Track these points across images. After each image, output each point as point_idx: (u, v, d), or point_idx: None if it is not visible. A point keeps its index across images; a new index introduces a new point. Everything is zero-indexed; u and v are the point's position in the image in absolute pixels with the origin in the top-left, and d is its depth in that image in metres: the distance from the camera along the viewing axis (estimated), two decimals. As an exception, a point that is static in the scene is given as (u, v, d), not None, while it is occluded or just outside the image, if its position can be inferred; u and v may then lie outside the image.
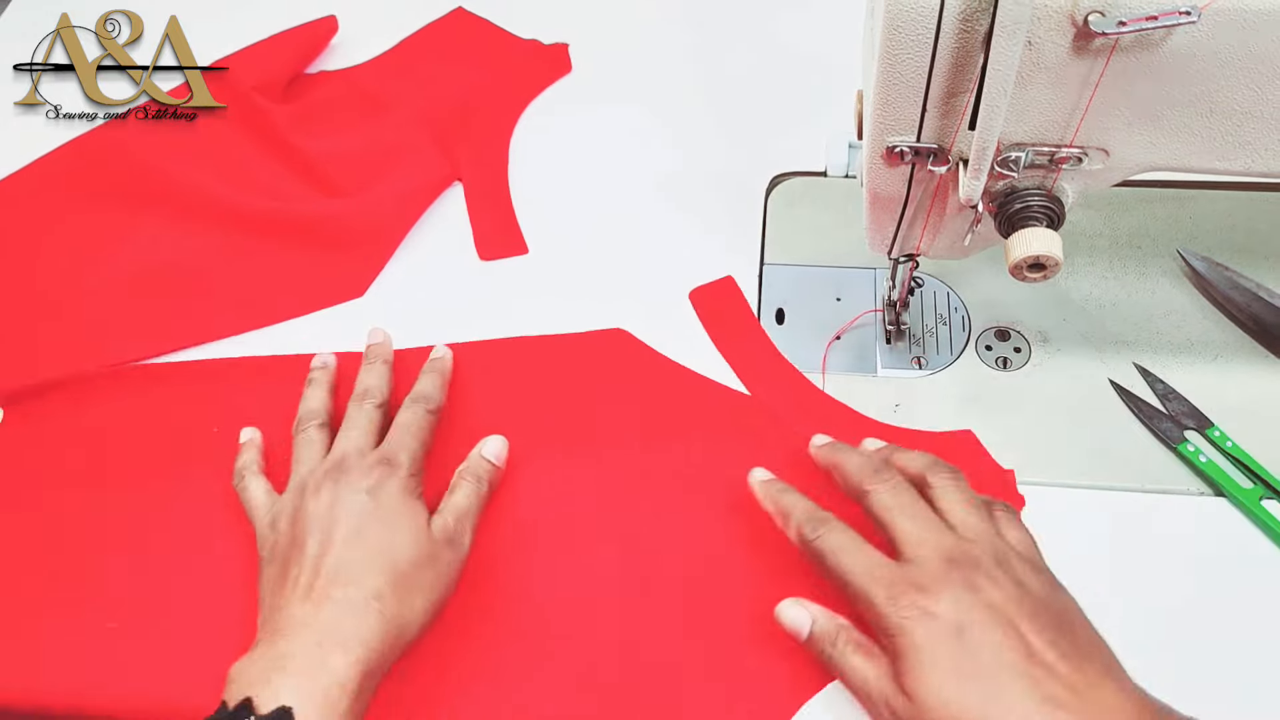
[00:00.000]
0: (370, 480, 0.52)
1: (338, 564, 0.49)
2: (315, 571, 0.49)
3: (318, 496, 0.52)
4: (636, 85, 0.77)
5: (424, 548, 0.50)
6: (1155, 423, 0.57)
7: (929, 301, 0.64)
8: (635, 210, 0.69)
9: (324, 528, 0.50)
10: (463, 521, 0.53)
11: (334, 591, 0.48)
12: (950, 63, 0.43)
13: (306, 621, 0.47)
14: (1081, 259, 0.65)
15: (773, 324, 0.64)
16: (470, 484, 0.55)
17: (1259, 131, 0.46)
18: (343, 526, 0.50)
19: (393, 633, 0.47)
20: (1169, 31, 0.41)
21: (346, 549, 0.49)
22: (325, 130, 0.73)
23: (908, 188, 0.50)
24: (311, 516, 0.51)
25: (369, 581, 0.48)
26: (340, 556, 0.49)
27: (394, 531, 0.50)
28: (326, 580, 0.48)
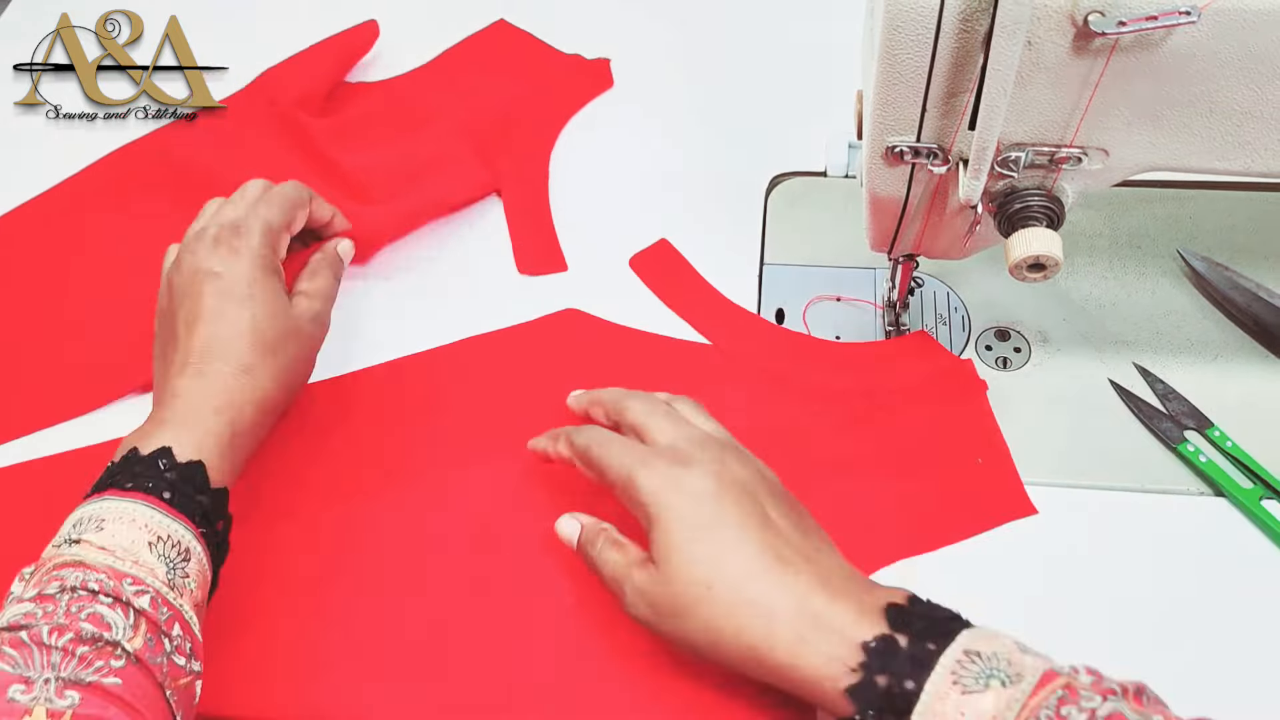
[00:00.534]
0: (219, 253, 0.55)
1: (205, 343, 0.52)
2: (188, 351, 0.52)
3: (179, 269, 0.55)
4: (636, 85, 0.77)
5: (286, 323, 0.54)
6: (1155, 423, 0.57)
7: (929, 301, 0.64)
8: (635, 210, 0.69)
9: (189, 306, 0.54)
10: (326, 301, 0.59)
11: (205, 366, 0.52)
12: (950, 63, 0.43)
13: (183, 392, 0.51)
14: (1081, 259, 0.65)
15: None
16: (329, 270, 0.60)
17: (1259, 131, 0.46)
18: (204, 304, 0.53)
19: (260, 399, 0.52)
20: (1169, 31, 0.41)
21: (210, 326, 0.53)
22: (364, 144, 0.72)
23: (908, 188, 0.50)
24: (177, 290, 0.55)
25: (235, 356, 0.52)
26: (206, 334, 0.52)
27: (252, 308, 0.53)
28: (198, 357, 0.52)
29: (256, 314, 0.53)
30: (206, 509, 0.48)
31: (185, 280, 0.55)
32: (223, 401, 0.51)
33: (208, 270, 0.54)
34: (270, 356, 0.53)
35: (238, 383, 0.52)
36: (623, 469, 0.48)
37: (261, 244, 0.56)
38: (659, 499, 0.46)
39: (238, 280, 0.54)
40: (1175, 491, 0.55)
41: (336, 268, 0.61)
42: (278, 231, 0.57)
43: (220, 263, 0.54)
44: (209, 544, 0.48)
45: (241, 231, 0.56)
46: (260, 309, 0.54)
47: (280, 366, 0.54)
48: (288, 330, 0.54)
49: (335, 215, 0.63)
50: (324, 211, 0.62)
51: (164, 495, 0.47)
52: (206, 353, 0.52)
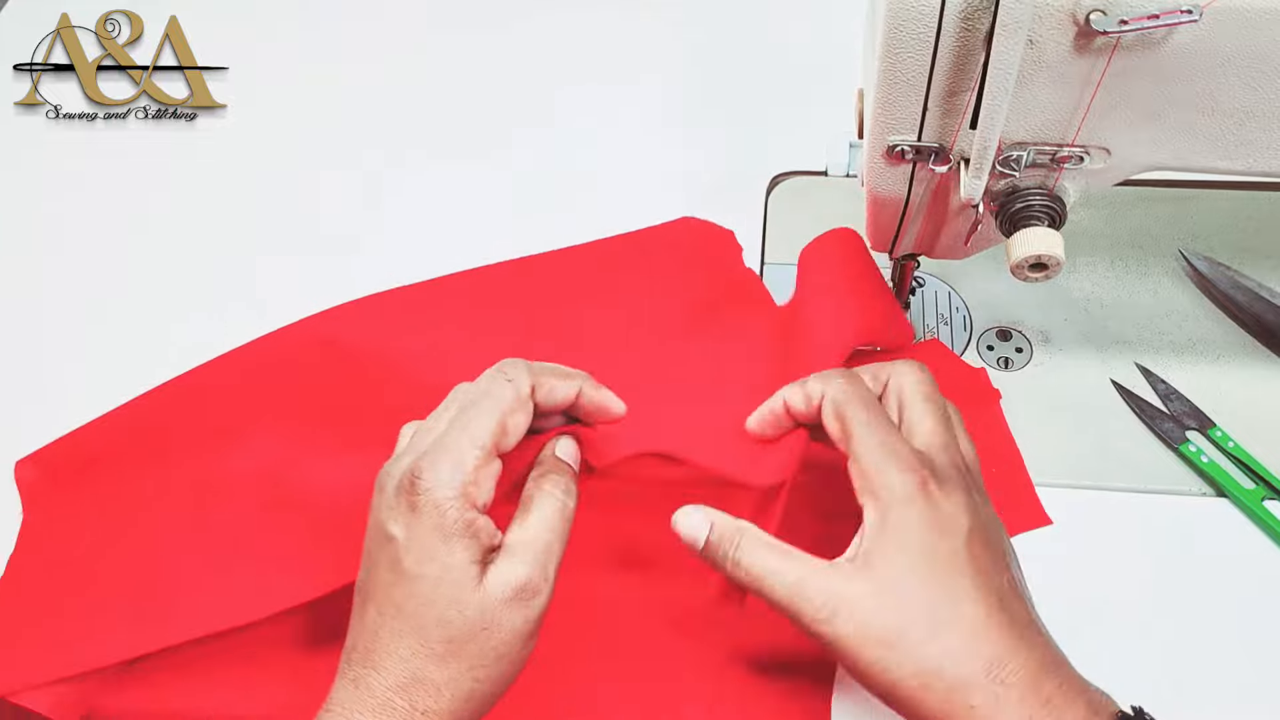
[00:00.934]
0: (399, 509, 0.40)
1: (370, 636, 0.40)
2: (353, 642, 0.41)
3: (371, 519, 0.42)
4: (637, 84, 0.77)
5: (467, 616, 0.39)
6: (1157, 423, 0.57)
7: (930, 301, 0.64)
8: (636, 209, 0.69)
9: (364, 578, 0.42)
10: (540, 559, 0.41)
11: (363, 673, 0.40)
12: (951, 61, 0.43)
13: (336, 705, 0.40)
14: (1083, 258, 0.64)
15: (773, 324, 0.64)
16: (551, 501, 0.42)
17: (1261, 130, 0.46)
18: (375, 580, 0.41)
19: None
20: (1171, 30, 0.41)
21: (377, 613, 0.40)
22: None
23: (909, 187, 0.50)
24: (365, 548, 0.42)
25: (396, 666, 0.39)
26: (372, 624, 0.40)
27: (423, 595, 0.39)
28: (360, 656, 0.40)
29: (424, 609, 0.39)
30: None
31: (369, 537, 0.42)
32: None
33: (385, 529, 0.41)
34: (442, 664, 0.39)
35: (394, 704, 0.39)
36: (877, 451, 0.41)
37: (447, 494, 0.40)
38: (903, 510, 0.40)
39: (411, 551, 0.40)
40: (1177, 492, 0.55)
41: (561, 488, 0.43)
42: (476, 469, 0.41)
43: (397, 522, 0.40)
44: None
45: (422, 478, 0.40)
46: (430, 600, 0.39)
47: (458, 676, 0.39)
48: (468, 627, 0.39)
49: (584, 388, 0.45)
50: (561, 393, 0.44)
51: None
52: (369, 653, 0.40)
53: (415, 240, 0.69)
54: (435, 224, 0.70)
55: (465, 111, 0.76)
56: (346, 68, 0.79)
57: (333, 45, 0.80)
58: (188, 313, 0.66)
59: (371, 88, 0.78)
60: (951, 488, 0.41)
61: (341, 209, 0.71)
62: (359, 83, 0.78)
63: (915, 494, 0.40)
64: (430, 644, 0.39)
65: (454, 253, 0.68)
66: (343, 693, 0.40)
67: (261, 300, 0.66)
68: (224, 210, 0.71)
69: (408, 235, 0.70)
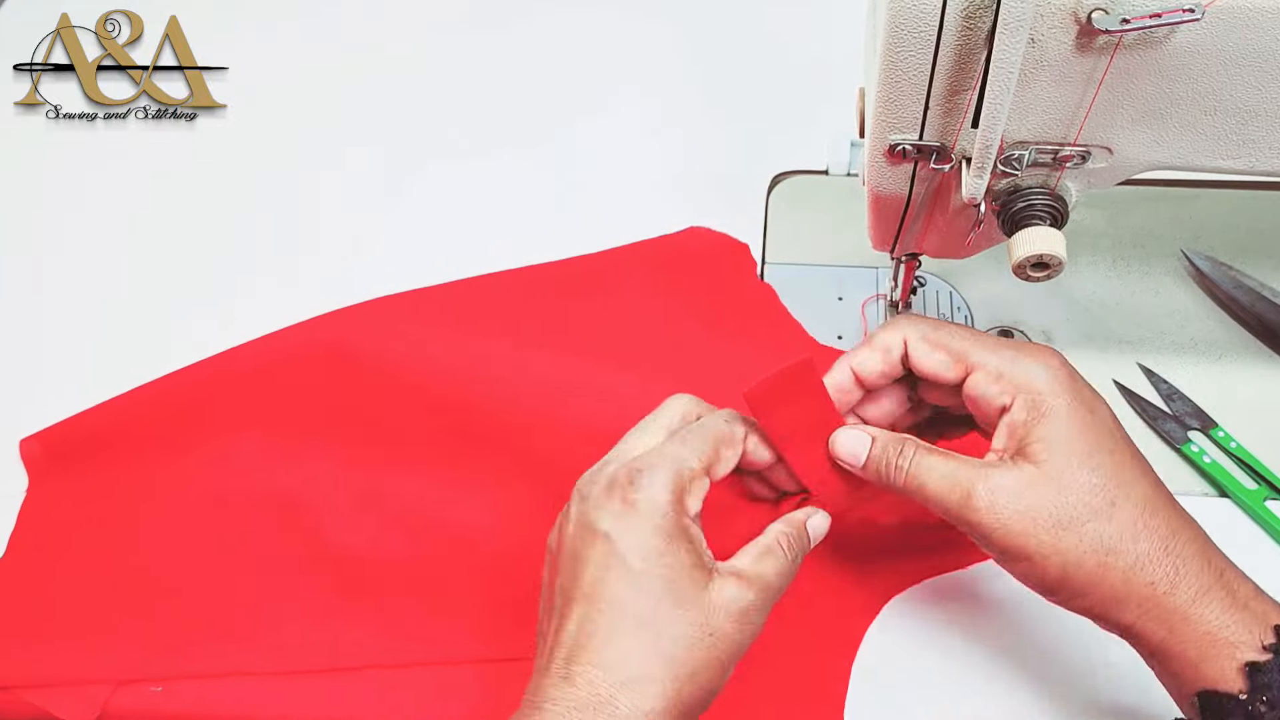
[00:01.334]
0: (612, 505, 0.40)
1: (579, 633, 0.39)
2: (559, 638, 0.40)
3: (569, 516, 0.42)
4: (637, 84, 0.76)
5: (693, 617, 0.39)
6: (1159, 423, 0.57)
7: (931, 300, 0.64)
8: (636, 209, 0.69)
9: (569, 573, 0.41)
10: (766, 594, 0.41)
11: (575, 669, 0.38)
12: (953, 60, 0.43)
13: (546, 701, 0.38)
14: (1085, 258, 0.64)
15: (774, 324, 0.64)
16: (788, 551, 0.42)
17: (1263, 130, 0.46)
18: (586, 576, 0.40)
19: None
20: (1173, 29, 0.41)
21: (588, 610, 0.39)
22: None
23: (910, 186, 0.50)
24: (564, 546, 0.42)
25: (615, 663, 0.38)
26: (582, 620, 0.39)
27: (645, 592, 0.39)
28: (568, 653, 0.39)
29: (651, 605, 0.39)
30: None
31: (571, 536, 0.41)
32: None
33: (594, 528, 0.40)
34: (665, 665, 0.38)
35: (616, 701, 0.38)
36: (1003, 352, 0.41)
37: (667, 497, 0.40)
38: (1057, 393, 0.40)
39: (630, 549, 0.39)
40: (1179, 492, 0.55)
41: (799, 548, 0.43)
42: (691, 479, 0.41)
43: (611, 519, 0.40)
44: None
45: (642, 476, 0.40)
46: (656, 594, 0.39)
47: (679, 678, 0.38)
48: (694, 629, 0.39)
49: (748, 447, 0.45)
50: (765, 453, 0.45)
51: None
52: (579, 649, 0.39)
53: (415, 240, 0.69)
54: (435, 224, 0.70)
55: (465, 111, 0.76)
56: (346, 68, 0.79)
57: (333, 45, 0.80)
58: (187, 312, 0.66)
59: (371, 88, 0.78)
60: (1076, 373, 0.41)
61: (341, 209, 0.71)
62: (359, 83, 0.78)
63: (1062, 375, 0.40)
64: (658, 641, 0.38)
65: (454, 252, 0.68)
66: (556, 690, 0.38)
67: (261, 300, 0.66)
68: (224, 210, 0.71)
69: (408, 235, 0.69)
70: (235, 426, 0.59)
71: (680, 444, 0.42)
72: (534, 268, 0.65)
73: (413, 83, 0.78)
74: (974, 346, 0.42)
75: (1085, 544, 0.38)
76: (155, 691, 0.51)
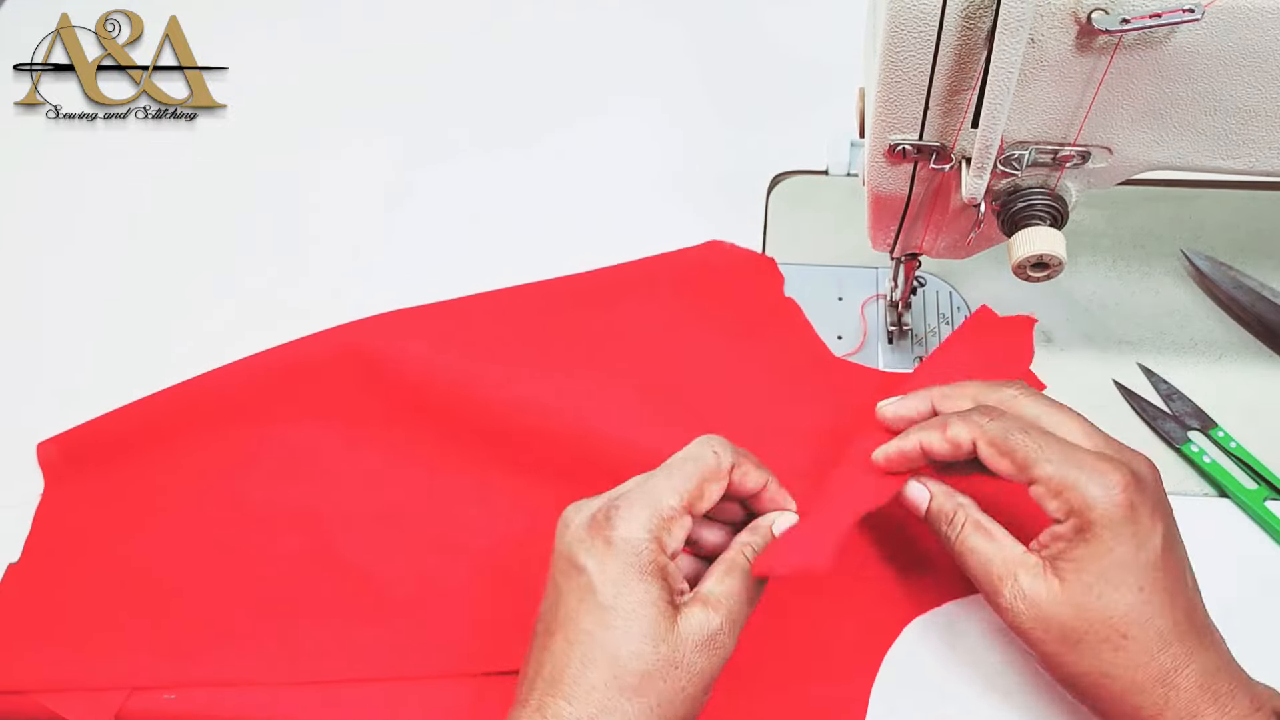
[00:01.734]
0: (592, 541, 0.42)
1: (555, 667, 0.41)
2: (536, 672, 0.41)
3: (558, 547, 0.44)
4: (637, 84, 0.76)
5: (658, 652, 0.40)
6: (1159, 423, 0.57)
7: (931, 301, 0.63)
8: (636, 209, 0.69)
9: (549, 605, 0.43)
10: (732, 617, 0.42)
11: (548, 703, 0.40)
12: (953, 60, 0.43)
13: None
14: (1085, 258, 0.64)
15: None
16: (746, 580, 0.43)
17: (1263, 130, 0.46)
18: (562, 610, 0.41)
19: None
20: (1172, 29, 0.41)
21: (562, 644, 0.41)
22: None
23: (910, 186, 0.50)
24: (551, 577, 0.43)
25: (583, 697, 0.40)
26: (557, 654, 0.41)
27: (614, 628, 0.40)
28: (543, 687, 0.41)
29: (619, 639, 0.40)
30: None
31: (557, 567, 0.43)
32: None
33: (574, 561, 0.42)
34: (634, 697, 0.40)
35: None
36: (1065, 468, 0.41)
37: (641, 535, 0.41)
38: (1105, 524, 0.40)
39: (603, 585, 0.41)
40: (1178, 492, 0.55)
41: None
42: (672, 517, 0.42)
43: (588, 554, 0.42)
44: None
45: (619, 513, 0.42)
46: (625, 631, 0.40)
47: (645, 711, 0.40)
48: (660, 662, 0.40)
49: (769, 484, 0.46)
50: (752, 480, 0.46)
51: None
52: (553, 684, 0.40)
53: (416, 239, 0.69)
54: (436, 222, 0.70)
55: (466, 111, 0.76)
56: (346, 68, 0.79)
57: (333, 45, 0.80)
58: (187, 313, 0.66)
59: (371, 88, 0.78)
60: (1149, 495, 0.42)
61: (341, 209, 0.71)
62: (359, 83, 0.78)
63: (1117, 504, 0.41)
64: (623, 675, 0.40)
65: (454, 251, 0.68)
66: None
67: (261, 300, 0.66)
68: (224, 210, 0.71)
69: (408, 234, 0.69)
70: (252, 435, 0.59)
71: (664, 479, 0.43)
72: (552, 281, 0.64)
73: (413, 82, 0.78)
74: (1038, 456, 0.42)
75: (1085, 663, 0.41)
76: (169, 699, 0.51)
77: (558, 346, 0.61)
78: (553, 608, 0.42)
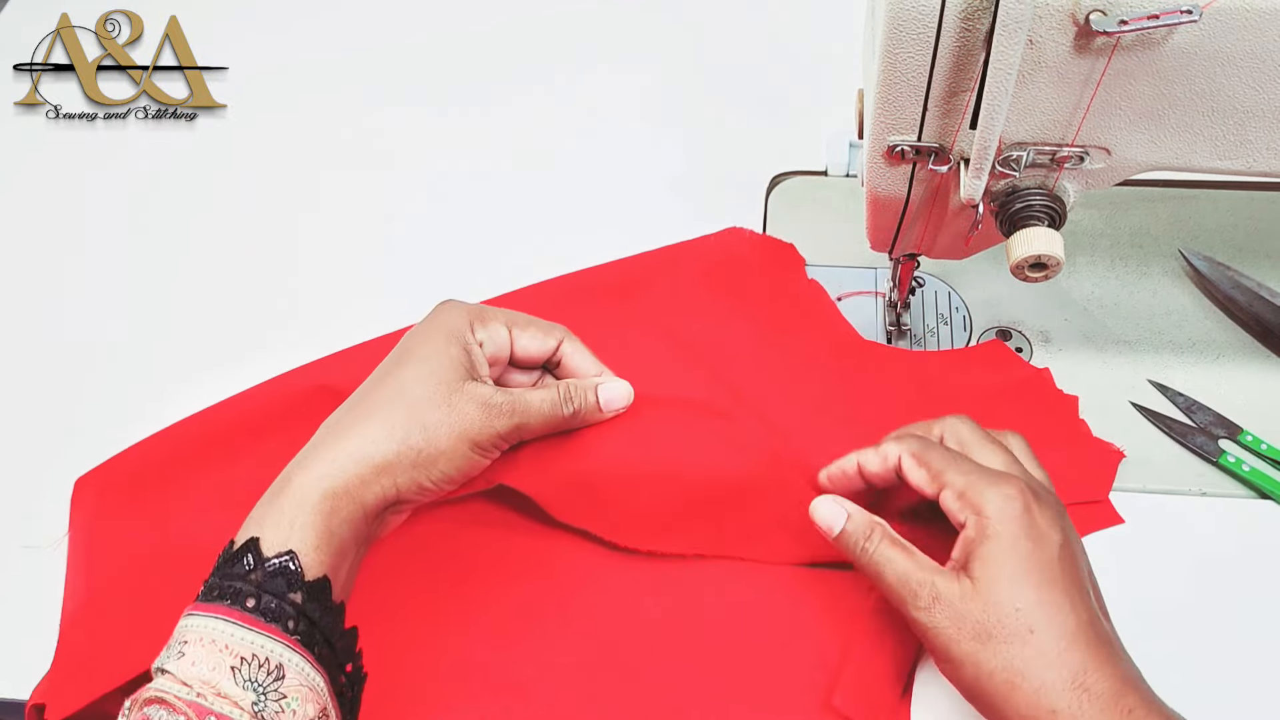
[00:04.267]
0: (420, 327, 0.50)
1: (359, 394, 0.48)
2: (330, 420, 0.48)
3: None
4: (637, 85, 0.77)
5: (437, 390, 0.46)
6: (1190, 439, 0.56)
7: (930, 301, 0.64)
8: (636, 210, 0.69)
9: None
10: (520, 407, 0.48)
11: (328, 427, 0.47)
12: (951, 61, 0.43)
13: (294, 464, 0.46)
14: (1083, 258, 0.64)
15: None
16: (555, 394, 0.50)
17: (1261, 130, 0.46)
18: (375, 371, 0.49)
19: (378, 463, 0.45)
20: (1170, 30, 0.41)
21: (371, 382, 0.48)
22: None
23: (909, 187, 0.50)
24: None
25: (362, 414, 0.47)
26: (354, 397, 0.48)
27: (408, 364, 0.48)
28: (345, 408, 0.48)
29: (409, 372, 0.47)
30: (303, 608, 0.42)
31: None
32: (332, 470, 0.44)
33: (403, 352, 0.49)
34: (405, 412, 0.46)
35: (352, 431, 0.46)
36: (970, 476, 0.45)
37: (456, 321, 0.49)
38: (1003, 520, 0.43)
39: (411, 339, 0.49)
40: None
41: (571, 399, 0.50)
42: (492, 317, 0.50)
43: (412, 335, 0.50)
44: (309, 645, 0.42)
45: (446, 309, 0.50)
46: (418, 367, 0.47)
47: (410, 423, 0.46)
48: (435, 395, 0.46)
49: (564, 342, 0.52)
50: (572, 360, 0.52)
51: (246, 604, 0.41)
52: (352, 405, 0.47)
53: (416, 240, 0.69)
54: (436, 222, 0.70)
55: (466, 111, 0.76)
56: (346, 68, 0.79)
57: (333, 45, 0.80)
58: (187, 312, 0.66)
59: (371, 88, 0.78)
60: (1044, 504, 0.44)
61: (342, 209, 0.71)
62: (359, 83, 0.78)
63: (1014, 505, 0.44)
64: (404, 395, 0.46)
65: (454, 250, 0.68)
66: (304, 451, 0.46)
67: (262, 300, 0.66)
68: (224, 210, 0.71)
69: (409, 233, 0.69)
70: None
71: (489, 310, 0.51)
72: (574, 275, 0.64)
73: (413, 82, 0.78)
74: (948, 466, 0.46)
75: (997, 660, 0.42)
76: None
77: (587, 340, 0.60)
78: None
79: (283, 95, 0.78)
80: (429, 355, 0.48)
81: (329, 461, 0.45)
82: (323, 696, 0.42)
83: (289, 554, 0.42)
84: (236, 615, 0.41)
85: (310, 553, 0.42)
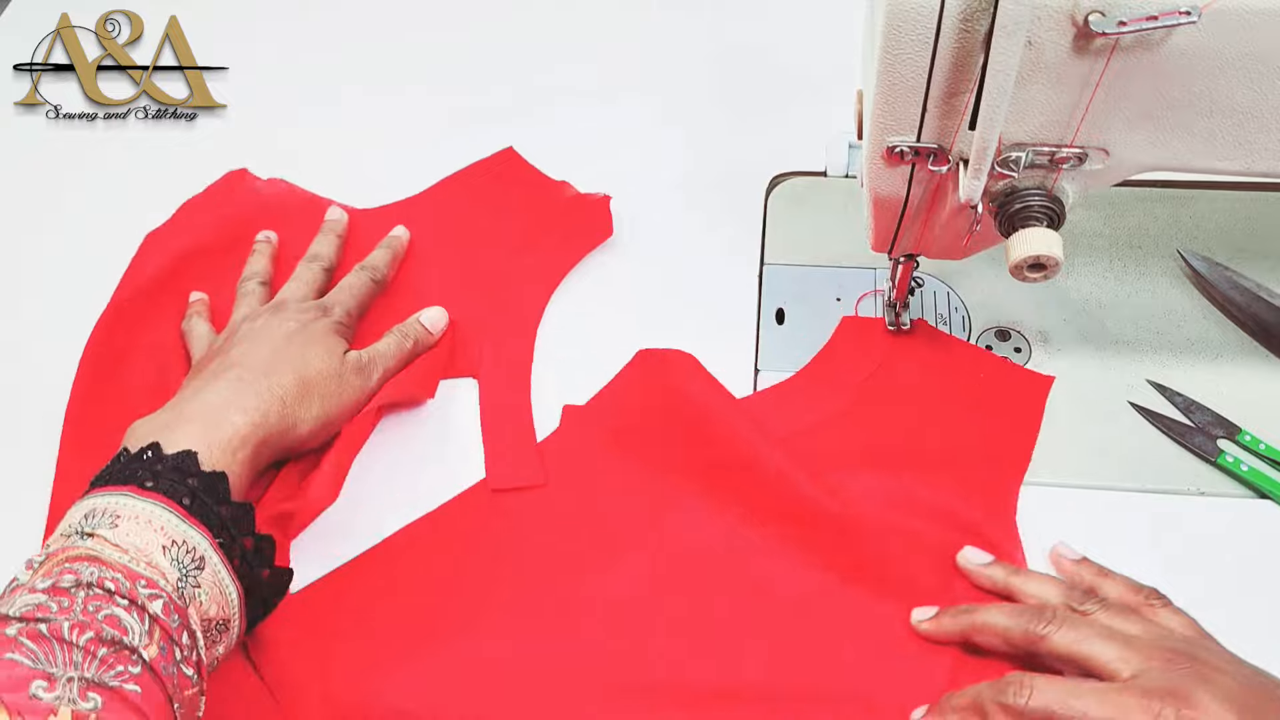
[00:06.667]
0: (304, 317, 0.58)
1: (252, 359, 0.55)
2: (227, 363, 0.55)
3: (253, 323, 0.58)
4: (636, 85, 0.77)
5: (333, 365, 0.57)
6: (1189, 439, 0.56)
7: (929, 301, 0.64)
8: (635, 210, 0.69)
9: (249, 339, 0.57)
10: (375, 361, 0.59)
11: (243, 374, 0.54)
12: (950, 62, 0.43)
13: (210, 392, 0.53)
14: (1081, 259, 0.65)
15: (772, 324, 0.64)
16: (395, 338, 0.60)
17: (1259, 131, 0.46)
18: (265, 338, 0.56)
19: (287, 421, 0.53)
20: (1169, 31, 0.41)
21: (263, 350, 0.55)
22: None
23: (908, 188, 0.50)
24: (240, 333, 0.58)
25: (276, 375, 0.54)
26: (256, 354, 0.55)
27: (309, 347, 0.56)
28: (237, 367, 0.54)
29: (309, 351, 0.56)
30: (225, 521, 0.48)
31: (259, 328, 0.58)
32: (250, 404, 0.52)
33: (285, 328, 0.57)
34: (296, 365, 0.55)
35: (269, 394, 0.53)
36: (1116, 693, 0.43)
37: (341, 318, 0.60)
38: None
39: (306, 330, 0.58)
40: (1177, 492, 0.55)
41: (408, 335, 0.61)
42: (356, 315, 0.62)
43: (299, 322, 0.58)
44: (229, 555, 0.47)
45: (331, 309, 0.60)
46: (314, 348, 0.57)
47: (313, 392, 0.55)
48: (330, 370, 0.57)
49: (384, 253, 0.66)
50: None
51: (184, 501, 0.47)
52: (247, 365, 0.54)
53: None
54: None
55: (466, 110, 0.76)
56: (346, 67, 0.79)
57: (333, 45, 0.80)
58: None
59: (371, 88, 0.78)
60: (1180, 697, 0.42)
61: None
62: (359, 83, 0.78)
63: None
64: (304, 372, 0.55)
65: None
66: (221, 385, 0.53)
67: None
68: (224, 210, 0.71)
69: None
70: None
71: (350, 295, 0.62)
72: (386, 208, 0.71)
73: (413, 82, 0.78)
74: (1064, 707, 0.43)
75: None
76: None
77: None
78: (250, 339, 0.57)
79: (283, 95, 0.78)
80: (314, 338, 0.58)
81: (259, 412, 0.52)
82: (231, 606, 0.47)
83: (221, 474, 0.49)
84: (174, 507, 0.46)
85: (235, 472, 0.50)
